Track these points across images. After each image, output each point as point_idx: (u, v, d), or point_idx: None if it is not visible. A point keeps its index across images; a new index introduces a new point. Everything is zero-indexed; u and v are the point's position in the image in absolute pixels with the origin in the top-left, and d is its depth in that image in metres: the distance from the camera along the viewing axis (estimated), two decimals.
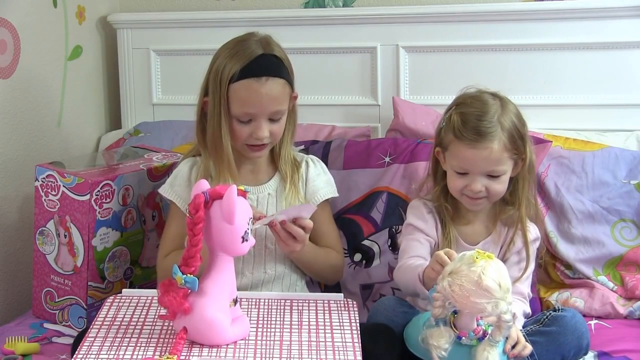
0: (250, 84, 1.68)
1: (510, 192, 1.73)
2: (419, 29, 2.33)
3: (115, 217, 1.84)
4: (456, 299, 1.38)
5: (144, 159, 2.01)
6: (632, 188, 2.00)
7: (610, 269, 1.97)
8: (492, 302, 1.36)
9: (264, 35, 1.76)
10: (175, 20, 2.50)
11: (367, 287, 2.00)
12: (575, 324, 1.58)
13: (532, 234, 1.75)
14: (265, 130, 1.70)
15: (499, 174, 1.66)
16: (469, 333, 1.42)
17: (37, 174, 1.84)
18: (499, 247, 1.74)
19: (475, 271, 1.36)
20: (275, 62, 1.71)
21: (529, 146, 1.70)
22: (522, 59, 2.28)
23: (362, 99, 2.41)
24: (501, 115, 1.65)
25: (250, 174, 1.80)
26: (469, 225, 1.76)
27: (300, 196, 1.79)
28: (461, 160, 1.67)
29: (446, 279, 1.40)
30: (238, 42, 1.74)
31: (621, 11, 2.19)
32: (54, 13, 2.28)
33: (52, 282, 1.86)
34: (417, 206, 1.79)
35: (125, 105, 2.56)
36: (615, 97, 2.24)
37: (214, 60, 1.75)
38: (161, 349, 1.37)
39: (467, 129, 1.64)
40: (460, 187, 1.68)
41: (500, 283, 1.36)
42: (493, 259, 1.39)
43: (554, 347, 1.56)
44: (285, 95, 1.72)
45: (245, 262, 1.75)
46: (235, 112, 1.70)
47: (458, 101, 1.72)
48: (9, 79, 2.09)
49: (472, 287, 1.36)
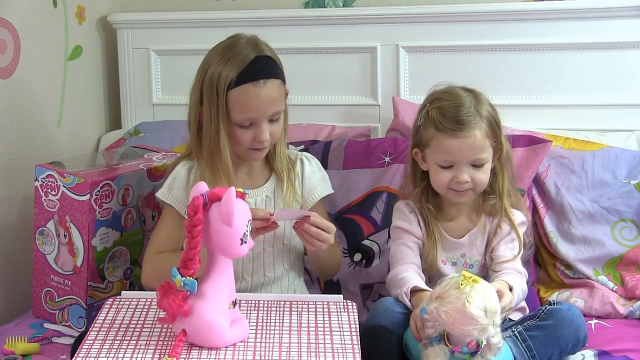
0: (248, 89, 1.66)
1: (490, 183, 1.74)
2: (419, 29, 2.33)
3: (115, 217, 1.84)
4: (443, 324, 1.39)
5: (144, 159, 2.01)
6: (632, 188, 2.01)
7: (610, 269, 1.97)
8: (478, 327, 1.37)
9: (251, 37, 1.74)
10: (175, 20, 2.50)
11: (367, 287, 2.00)
12: (572, 317, 1.59)
13: (518, 218, 1.76)
14: (266, 132, 1.69)
15: (482, 163, 1.68)
16: (462, 348, 1.43)
17: (37, 174, 1.84)
18: (486, 236, 1.75)
19: (460, 298, 1.37)
20: (269, 63, 1.70)
21: (504, 136, 1.72)
22: (522, 59, 2.28)
23: (362, 99, 2.41)
24: (477, 105, 1.68)
25: (247, 178, 1.78)
26: (453, 221, 1.77)
27: (297, 195, 1.78)
28: (446, 152, 1.67)
29: (433, 303, 1.41)
30: (227, 47, 1.71)
31: (621, 11, 2.19)
32: (54, 13, 2.29)
33: (52, 282, 1.86)
34: (399, 208, 1.80)
35: (125, 105, 2.56)
36: (615, 97, 2.24)
37: (205, 68, 1.70)
38: (160, 351, 1.36)
39: (447, 120, 1.66)
40: (446, 181, 1.69)
41: (485, 308, 1.37)
42: (479, 282, 1.40)
43: (552, 340, 1.57)
44: (282, 94, 1.72)
45: (244, 266, 1.75)
46: (236, 119, 1.68)
47: (431, 98, 1.74)
48: (9, 79, 2.09)
49: (457, 315, 1.37)
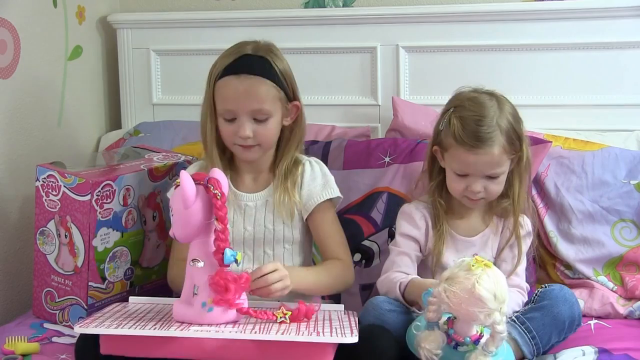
0: (230, 80, 1.72)
1: (506, 187, 1.75)
2: (419, 29, 2.33)
3: (115, 218, 1.84)
4: (450, 305, 1.39)
5: (144, 159, 2.01)
6: (632, 188, 2.01)
7: (610, 269, 1.97)
8: (485, 311, 1.36)
9: (265, 42, 1.79)
10: (175, 20, 2.49)
11: (367, 287, 2.00)
12: (565, 295, 1.64)
13: (524, 228, 1.78)
14: (246, 129, 1.72)
15: (497, 175, 1.70)
16: (465, 338, 1.43)
17: (38, 174, 1.84)
18: (498, 238, 1.78)
19: (470, 279, 1.37)
20: (258, 62, 1.73)
21: (526, 144, 1.74)
22: (522, 59, 2.28)
23: (362, 99, 2.41)
24: (499, 117, 1.68)
25: (251, 182, 1.83)
26: (464, 219, 1.79)
27: (294, 201, 1.78)
28: (462, 164, 1.70)
29: (442, 284, 1.41)
30: (236, 44, 1.78)
31: (621, 11, 2.19)
32: (54, 13, 2.28)
33: (52, 282, 1.86)
34: (409, 212, 1.81)
35: (125, 105, 2.56)
36: (615, 97, 2.24)
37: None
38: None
39: (467, 135, 1.66)
40: (460, 188, 1.72)
41: (495, 293, 1.37)
42: (491, 268, 1.40)
43: (549, 319, 1.60)
44: (270, 96, 1.73)
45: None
46: (218, 109, 1.76)
47: (455, 103, 1.74)
48: (9, 79, 2.09)
49: (465, 296, 1.37)
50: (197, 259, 1.52)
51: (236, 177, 1.83)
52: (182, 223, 1.51)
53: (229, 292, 1.45)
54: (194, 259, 1.52)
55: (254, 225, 1.79)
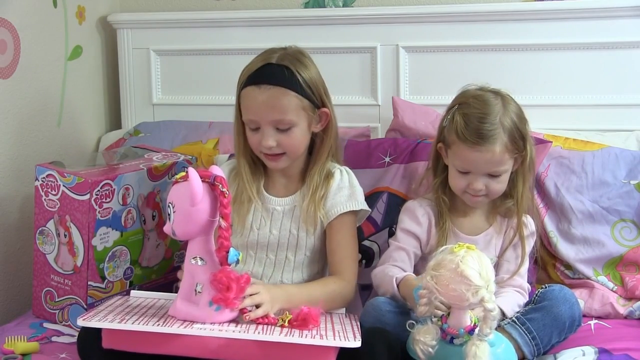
0: (251, 90, 1.72)
1: (510, 187, 1.76)
2: (419, 29, 2.33)
3: (115, 217, 1.84)
4: (439, 289, 1.41)
5: (144, 158, 2.01)
6: (632, 188, 2.00)
7: (610, 269, 1.97)
8: (472, 289, 1.38)
9: (294, 49, 1.77)
10: (175, 20, 2.49)
11: (367, 287, 2.00)
12: (565, 295, 1.64)
13: (528, 229, 1.79)
14: (269, 139, 1.71)
15: (499, 174, 1.71)
16: (459, 330, 1.43)
17: (37, 174, 1.84)
18: (501, 238, 1.79)
19: (454, 260, 1.40)
20: (280, 71, 1.71)
21: (530, 144, 1.74)
22: (522, 59, 2.28)
23: (362, 99, 2.41)
24: (503, 115, 1.68)
25: (282, 187, 1.83)
26: (467, 218, 1.80)
27: (320, 209, 1.77)
28: (464, 161, 1.70)
29: (429, 272, 1.43)
30: (265, 51, 1.77)
31: (621, 11, 2.19)
32: (54, 13, 2.29)
33: (52, 282, 1.86)
34: (412, 208, 1.82)
35: (125, 105, 2.56)
36: (615, 97, 2.24)
37: None
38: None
39: (469, 131, 1.67)
40: (462, 185, 1.73)
41: (480, 272, 1.39)
42: (474, 250, 1.42)
43: (550, 320, 1.61)
44: (292, 106, 1.71)
45: (265, 271, 1.78)
46: (244, 118, 1.76)
47: (460, 100, 1.74)
48: (9, 79, 2.09)
49: (450, 275, 1.39)
50: (199, 256, 1.51)
51: (268, 181, 1.83)
52: (186, 220, 1.50)
53: (230, 291, 1.45)
54: (195, 256, 1.51)
55: (279, 229, 1.79)
